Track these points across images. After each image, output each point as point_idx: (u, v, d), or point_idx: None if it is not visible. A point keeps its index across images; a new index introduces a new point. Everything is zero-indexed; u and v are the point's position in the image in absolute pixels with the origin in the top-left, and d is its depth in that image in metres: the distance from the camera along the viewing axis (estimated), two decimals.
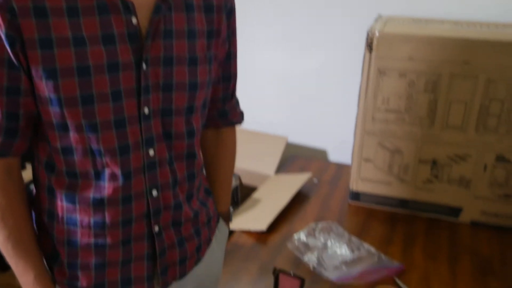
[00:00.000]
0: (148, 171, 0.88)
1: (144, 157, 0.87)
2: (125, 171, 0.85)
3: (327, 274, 1.28)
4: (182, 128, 0.90)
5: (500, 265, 1.37)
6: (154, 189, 0.90)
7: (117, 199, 0.86)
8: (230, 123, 1.12)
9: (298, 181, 1.76)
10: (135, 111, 0.83)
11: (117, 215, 0.87)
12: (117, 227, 0.88)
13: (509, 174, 1.47)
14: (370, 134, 1.56)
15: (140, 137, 0.85)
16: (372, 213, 1.63)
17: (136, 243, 0.92)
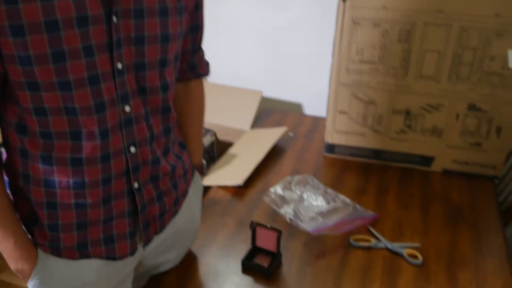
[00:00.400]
0: (125, 127, 0.87)
1: (121, 113, 0.86)
2: (102, 129, 0.84)
3: (304, 225, 1.30)
4: (156, 82, 0.89)
5: (470, 211, 1.41)
6: (132, 145, 0.90)
7: (95, 158, 0.86)
8: (199, 75, 1.12)
9: (273, 135, 1.76)
10: (109, 67, 0.81)
11: (97, 174, 0.87)
12: (97, 186, 0.88)
13: (480, 123, 1.50)
14: (345, 85, 1.56)
15: (115, 94, 0.84)
16: (347, 165, 1.65)
17: (117, 201, 0.92)
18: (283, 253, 1.25)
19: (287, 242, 1.29)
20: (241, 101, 2.02)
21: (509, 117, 1.47)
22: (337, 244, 1.28)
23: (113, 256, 0.97)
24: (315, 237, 1.30)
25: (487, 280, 1.17)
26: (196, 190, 1.17)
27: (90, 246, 0.94)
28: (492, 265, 1.21)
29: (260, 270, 1.18)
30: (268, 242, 1.21)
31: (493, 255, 1.24)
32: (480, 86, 1.44)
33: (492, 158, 1.54)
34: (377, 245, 1.27)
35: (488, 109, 1.47)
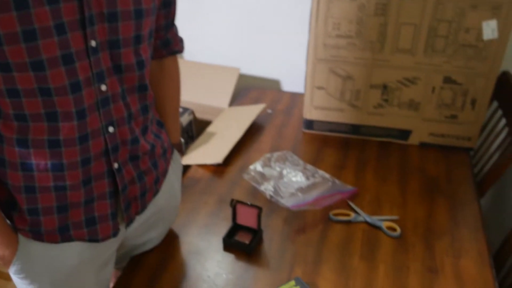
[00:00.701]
0: (102, 107, 0.86)
1: (97, 93, 0.84)
2: (79, 109, 0.83)
3: (284, 201, 1.31)
4: (131, 59, 0.88)
5: (446, 183, 1.44)
6: (110, 125, 0.89)
7: (73, 139, 0.84)
8: (173, 52, 1.10)
9: (252, 113, 1.75)
10: (82, 45, 0.79)
11: (75, 155, 0.86)
12: (76, 168, 0.87)
13: (455, 95, 1.51)
14: (322, 61, 1.56)
15: (91, 72, 0.82)
16: (326, 140, 1.66)
17: (97, 182, 0.92)
18: (264, 229, 1.26)
19: (268, 218, 1.30)
20: (218, 78, 2.01)
21: (484, 89, 1.49)
22: (317, 219, 1.29)
23: (95, 238, 0.96)
24: (295, 212, 1.32)
25: (463, 249, 1.19)
26: (175, 168, 1.17)
27: (71, 229, 0.93)
28: (468, 235, 1.24)
29: (241, 247, 1.19)
30: (248, 219, 1.21)
31: (468, 225, 1.27)
32: (455, 58, 1.45)
33: (467, 130, 1.56)
34: (356, 218, 1.28)
35: (463, 82, 1.49)
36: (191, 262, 1.17)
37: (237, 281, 1.11)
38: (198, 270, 1.14)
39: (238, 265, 1.16)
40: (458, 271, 1.13)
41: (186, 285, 1.10)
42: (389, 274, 1.12)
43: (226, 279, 1.12)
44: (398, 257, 1.17)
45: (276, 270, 1.14)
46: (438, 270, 1.13)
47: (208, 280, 1.11)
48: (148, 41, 0.92)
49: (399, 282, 1.10)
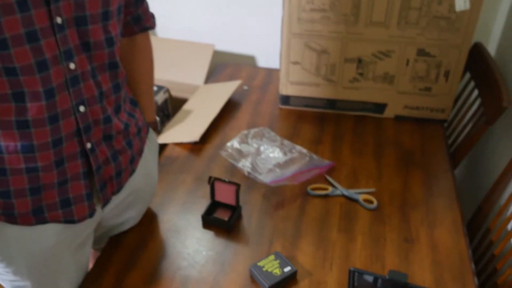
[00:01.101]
0: (72, 86, 0.84)
1: (65, 71, 0.82)
2: (47, 88, 0.80)
3: (262, 177, 1.31)
4: (100, 36, 0.86)
5: (421, 155, 1.46)
6: (81, 105, 0.87)
7: (43, 120, 0.82)
8: (144, 28, 1.08)
9: (228, 90, 1.74)
10: (47, 21, 0.77)
11: (46, 136, 0.84)
12: (48, 148, 0.85)
13: (429, 67, 1.53)
14: (297, 36, 1.55)
15: (58, 50, 0.80)
16: (302, 116, 1.66)
17: (70, 163, 0.90)
18: (243, 206, 1.26)
19: (246, 195, 1.30)
20: (193, 55, 1.98)
21: (457, 60, 1.50)
22: (295, 194, 1.30)
23: (71, 219, 0.95)
24: (273, 188, 1.32)
25: (438, 219, 1.22)
26: (151, 147, 1.16)
27: (46, 211, 0.92)
28: (443, 205, 1.27)
29: (220, 223, 1.20)
30: (227, 196, 1.22)
31: (443, 195, 1.30)
32: (429, 30, 1.46)
33: (441, 102, 1.58)
34: (333, 192, 1.30)
35: (436, 54, 1.50)
36: (171, 240, 1.17)
37: (217, 258, 1.12)
38: (178, 248, 1.14)
39: (218, 242, 1.16)
40: (433, 241, 1.16)
41: (166, 263, 1.10)
42: (367, 245, 1.14)
43: (206, 255, 1.12)
44: (375, 229, 1.19)
45: (256, 246, 1.15)
46: (414, 240, 1.16)
47: (188, 257, 1.12)
48: (117, 17, 0.90)
49: (376, 253, 1.12)
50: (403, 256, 1.12)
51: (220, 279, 1.06)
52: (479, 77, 1.55)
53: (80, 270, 1.07)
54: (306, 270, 1.08)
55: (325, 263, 1.10)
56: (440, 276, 1.07)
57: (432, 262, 1.10)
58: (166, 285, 1.05)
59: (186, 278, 1.07)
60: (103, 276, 1.08)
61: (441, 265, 1.09)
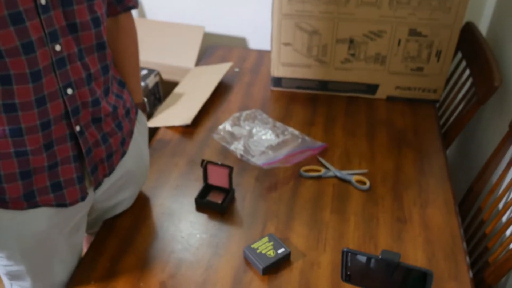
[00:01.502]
0: (58, 68, 0.83)
1: (51, 53, 0.81)
2: (33, 71, 0.80)
3: (254, 160, 1.31)
4: (86, 16, 0.85)
5: (413, 135, 1.46)
6: (68, 87, 0.86)
7: (30, 102, 0.82)
8: (127, 8, 1.06)
9: (219, 72, 1.72)
10: (31, 3, 0.76)
11: (33, 119, 0.83)
12: (36, 132, 0.85)
13: (421, 47, 1.52)
14: (287, 16, 1.53)
15: (43, 32, 0.79)
16: (294, 97, 1.65)
17: (59, 146, 0.90)
18: (236, 188, 1.26)
19: (239, 177, 1.30)
20: (183, 38, 1.96)
21: (448, 40, 1.50)
22: (288, 176, 1.30)
23: (63, 203, 0.95)
24: (266, 170, 1.32)
25: (430, 198, 1.23)
26: (141, 129, 1.15)
27: (37, 195, 0.91)
28: (435, 184, 1.27)
29: (214, 206, 1.20)
30: (220, 179, 1.22)
31: (435, 175, 1.31)
32: (420, 10, 1.45)
33: (433, 82, 1.58)
34: (326, 174, 1.30)
35: (428, 33, 1.49)
36: (164, 223, 1.17)
37: (211, 240, 1.12)
38: (172, 231, 1.14)
39: (211, 225, 1.16)
40: (425, 220, 1.17)
41: (160, 246, 1.11)
42: (360, 226, 1.15)
43: (200, 238, 1.13)
44: (368, 209, 1.20)
45: (249, 228, 1.15)
46: (406, 220, 1.17)
47: (182, 240, 1.12)
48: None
49: (369, 233, 1.13)
50: (395, 235, 1.13)
51: (214, 261, 1.07)
52: (471, 57, 1.55)
53: (74, 254, 1.07)
54: (300, 251, 1.09)
55: (318, 244, 1.11)
56: (432, 255, 1.08)
57: (424, 241, 1.11)
58: (160, 268, 1.05)
59: (180, 261, 1.07)
60: (97, 260, 1.08)
61: (433, 244, 1.11)
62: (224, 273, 1.04)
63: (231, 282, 1.02)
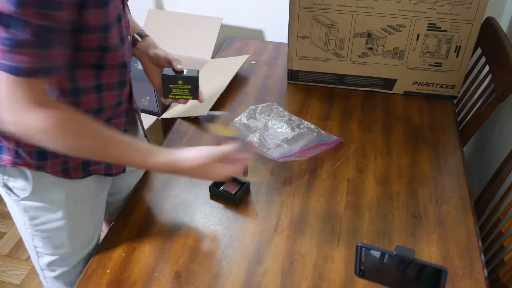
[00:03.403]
0: (128, 57, 1.01)
1: (128, 46, 1.00)
2: (122, 62, 0.98)
3: (269, 153, 1.31)
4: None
5: (430, 131, 1.45)
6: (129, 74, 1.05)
7: (114, 84, 1.00)
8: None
9: (236, 64, 1.73)
10: (120, 4, 0.92)
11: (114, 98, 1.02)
12: (111, 108, 1.03)
13: (440, 42, 1.50)
14: (305, 9, 1.52)
15: (125, 28, 0.98)
16: (311, 91, 1.65)
17: (116, 120, 1.06)
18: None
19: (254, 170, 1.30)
20: (200, 29, 1.96)
21: (468, 36, 1.48)
22: (303, 170, 1.30)
23: (110, 173, 1.11)
24: (281, 164, 1.32)
25: (446, 195, 1.22)
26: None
27: (92, 165, 1.05)
28: (451, 181, 1.26)
29: (227, 196, 1.20)
30: None
31: (451, 172, 1.30)
32: (440, 5, 1.43)
33: (451, 78, 1.57)
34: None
35: (447, 28, 1.48)
36: (179, 214, 1.18)
37: (225, 232, 1.13)
38: (187, 222, 1.15)
39: (226, 217, 1.17)
40: (440, 217, 1.16)
41: (175, 237, 1.11)
42: (374, 221, 1.15)
43: (214, 230, 1.13)
44: (383, 205, 1.19)
45: (264, 221, 1.15)
46: (421, 216, 1.16)
47: (197, 231, 1.13)
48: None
49: (383, 229, 1.13)
50: (410, 232, 1.12)
51: (228, 253, 1.07)
52: (491, 53, 1.53)
53: (101, 218, 1.21)
54: (314, 245, 1.09)
55: (332, 239, 1.11)
56: (447, 252, 1.07)
57: (439, 238, 1.11)
58: (175, 258, 1.06)
59: (194, 252, 1.08)
60: (113, 249, 1.09)
61: (449, 241, 1.10)
62: (237, 265, 1.05)
63: (245, 274, 1.03)
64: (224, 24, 2.07)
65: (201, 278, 1.02)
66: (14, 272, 1.93)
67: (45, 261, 1.13)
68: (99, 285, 1.01)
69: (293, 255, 1.07)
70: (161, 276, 1.02)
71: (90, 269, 1.05)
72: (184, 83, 1.15)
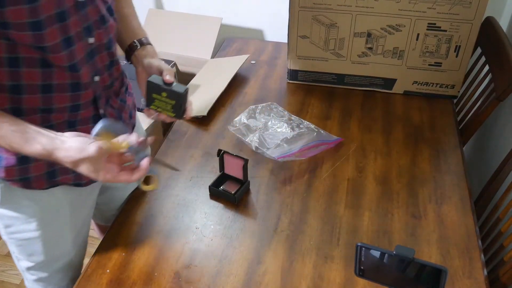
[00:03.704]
0: (91, 58, 0.93)
1: (86, 46, 0.91)
2: (72, 63, 0.89)
3: (269, 152, 1.31)
4: (104, 8, 0.93)
5: (429, 131, 1.45)
6: (96, 75, 0.96)
7: (66, 86, 0.91)
8: None
9: (235, 64, 1.73)
10: (72, 1, 0.83)
11: (66, 100, 0.92)
12: (65, 111, 0.94)
13: (439, 42, 1.50)
14: (305, 9, 1.52)
15: (81, 28, 0.88)
16: (310, 91, 1.65)
17: (82, 126, 0.97)
18: (251, 180, 1.26)
19: (254, 169, 1.30)
20: (200, 29, 1.96)
21: (468, 35, 1.48)
22: (303, 170, 1.30)
23: (79, 183, 1.04)
24: (281, 163, 1.32)
25: (445, 194, 1.22)
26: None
27: (58, 174, 0.98)
28: (451, 181, 1.26)
29: (227, 196, 1.20)
30: (235, 170, 1.22)
31: (451, 171, 1.30)
32: (440, 4, 1.43)
33: (451, 78, 1.57)
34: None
35: (447, 28, 1.48)
36: (179, 214, 1.18)
37: (225, 232, 1.13)
38: (187, 222, 1.15)
39: (226, 216, 1.17)
40: (440, 217, 1.16)
41: (175, 236, 1.11)
42: (374, 221, 1.15)
43: (214, 229, 1.13)
44: (382, 205, 1.19)
45: (263, 220, 1.15)
46: (421, 216, 1.16)
47: (197, 231, 1.13)
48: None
49: (383, 229, 1.13)
50: (410, 231, 1.12)
51: (228, 253, 1.08)
52: (490, 52, 1.53)
53: (82, 229, 1.17)
54: (314, 245, 1.09)
55: (332, 238, 1.11)
56: (447, 252, 1.07)
57: (439, 238, 1.11)
58: (175, 258, 1.06)
59: (194, 252, 1.08)
60: (113, 249, 1.09)
61: (448, 241, 1.10)
62: (238, 265, 1.05)
63: (245, 273, 1.03)
64: (224, 24, 2.07)
65: (201, 278, 1.02)
66: (14, 272, 1.93)
67: (23, 265, 1.13)
68: (99, 285, 1.01)
69: (293, 255, 1.07)
70: (161, 276, 1.03)
71: (90, 269, 1.05)
72: (168, 97, 1.01)
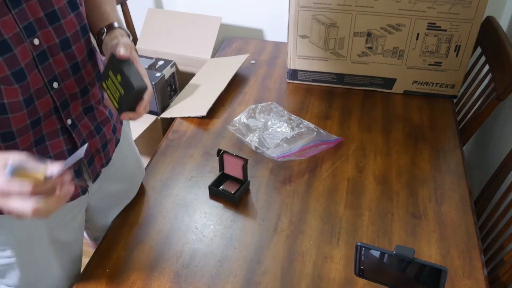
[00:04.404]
0: (41, 63, 0.79)
1: (31, 48, 0.77)
2: (15, 70, 0.76)
3: (269, 152, 1.31)
4: (62, 1, 0.80)
5: (430, 131, 1.45)
6: (54, 81, 0.83)
7: (19, 103, 0.78)
8: None
9: (235, 64, 1.72)
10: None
11: (24, 119, 0.80)
12: (27, 131, 0.82)
13: (439, 42, 1.50)
14: (305, 8, 1.52)
15: (18, 28, 0.74)
16: (310, 91, 1.65)
17: (52, 141, 0.87)
18: (251, 180, 1.26)
19: (254, 169, 1.30)
20: (200, 28, 1.96)
21: (468, 35, 1.48)
22: (302, 169, 1.30)
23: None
24: (281, 163, 1.32)
25: (445, 194, 1.22)
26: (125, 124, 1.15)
27: None
28: (450, 181, 1.26)
29: (227, 196, 1.20)
30: (235, 169, 1.22)
31: (451, 171, 1.30)
32: (440, 4, 1.43)
33: (451, 77, 1.57)
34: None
35: (447, 28, 1.47)
36: (179, 214, 1.17)
37: (225, 231, 1.13)
38: (186, 222, 1.15)
39: (226, 216, 1.17)
40: (440, 217, 1.16)
41: (175, 236, 1.11)
42: (374, 221, 1.15)
43: (214, 229, 1.13)
44: (382, 205, 1.19)
45: (263, 220, 1.15)
46: (421, 216, 1.16)
47: (196, 231, 1.13)
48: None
49: (383, 228, 1.13)
50: (410, 231, 1.12)
51: (228, 252, 1.07)
52: (490, 52, 1.53)
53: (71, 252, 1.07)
54: (314, 245, 1.09)
55: (332, 238, 1.11)
56: (447, 252, 1.07)
57: (439, 238, 1.11)
58: (175, 258, 1.06)
59: (194, 252, 1.08)
60: (112, 249, 1.09)
61: (448, 241, 1.10)
62: (237, 265, 1.05)
63: (245, 273, 1.03)
64: (223, 23, 2.07)
65: (201, 278, 1.02)
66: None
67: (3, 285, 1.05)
68: (98, 284, 1.01)
69: (292, 255, 1.07)
70: (161, 276, 1.02)
71: (90, 269, 1.05)
72: (121, 84, 0.83)
